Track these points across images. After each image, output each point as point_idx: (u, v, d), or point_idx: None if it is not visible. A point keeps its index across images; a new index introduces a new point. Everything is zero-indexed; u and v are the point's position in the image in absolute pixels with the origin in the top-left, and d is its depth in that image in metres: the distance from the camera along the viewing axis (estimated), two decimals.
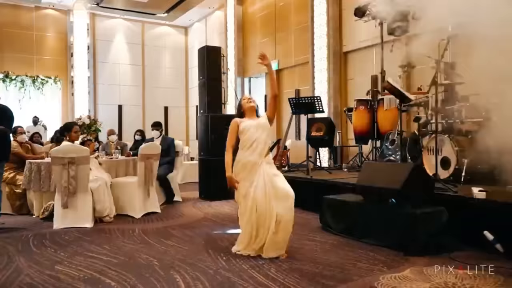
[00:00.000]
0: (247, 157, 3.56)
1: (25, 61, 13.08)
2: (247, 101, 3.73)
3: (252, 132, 3.59)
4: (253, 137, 3.58)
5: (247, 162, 3.55)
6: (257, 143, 3.57)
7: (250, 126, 3.62)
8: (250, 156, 3.55)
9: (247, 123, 3.64)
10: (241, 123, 3.65)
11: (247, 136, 3.59)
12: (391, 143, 5.46)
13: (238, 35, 12.61)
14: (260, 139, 3.59)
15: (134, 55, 15.04)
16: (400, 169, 3.79)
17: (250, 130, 3.59)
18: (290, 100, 6.28)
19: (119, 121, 14.57)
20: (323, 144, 7.23)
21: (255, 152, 3.55)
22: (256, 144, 3.57)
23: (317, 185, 5.52)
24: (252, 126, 3.61)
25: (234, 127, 3.67)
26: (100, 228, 4.77)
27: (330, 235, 4.21)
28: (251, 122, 3.64)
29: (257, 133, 3.59)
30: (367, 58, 8.57)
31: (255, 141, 3.57)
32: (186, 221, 5.17)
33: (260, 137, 3.59)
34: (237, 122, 3.68)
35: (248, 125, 3.62)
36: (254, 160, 3.53)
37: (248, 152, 3.57)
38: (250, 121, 3.66)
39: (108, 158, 5.81)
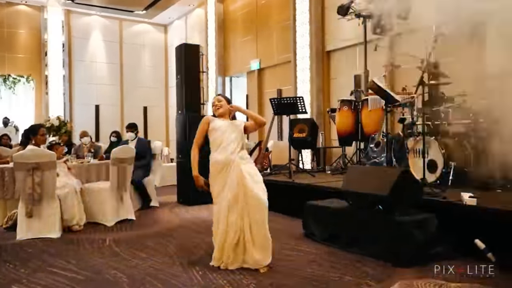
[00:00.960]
0: (217, 156, 3.34)
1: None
2: (215, 108, 3.49)
3: (222, 131, 3.36)
4: (223, 136, 3.35)
5: (216, 162, 3.32)
6: (227, 142, 3.33)
7: (221, 125, 3.39)
8: (220, 156, 3.32)
9: (218, 122, 3.42)
10: (212, 122, 3.42)
11: (216, 135, 3.37)
12: (376, 145, 5.27)
13: (219, 33, 12.30)
14: (231, 137, 3.35)
15: (112, 53, 14.56)
16: (387, 174, 3.59)
17: (220, 129, 3.37)
18: (271, 100, 6.04)
19: (96, 122, 14.11)
20: (306, 146, 7.02)
21: (226, 151, 3.32)
22: (227, 143, 3.33)
23: (300, 189, 5.29)
24: (223, 126, 3.39)
25: (203, 125, 3.44)
26: (68, 238, 4.44)
27: (313, 244, 3.98)
28: (223, 123, 3.42)
29: (227, 132, 3.36)
30: (350, 58, 8.39)
31: (225, 140, 3.34)
32: (162, 228, 4.87)
33: (230, 136, 3.35)
34: (208, 120, 3.45)
35: (218, 124, 3.40)
36: (224, 160, 3.29)
37: (218, 152, 3.34)
38: (223, 122, 3.43)
39: (78, 162, 5.46)
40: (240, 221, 3.21)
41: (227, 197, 3.22)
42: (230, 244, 3.21)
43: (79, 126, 13.64)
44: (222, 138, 3.33)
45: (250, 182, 3.23)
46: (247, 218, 3.20)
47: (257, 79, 11.02)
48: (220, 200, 3.27)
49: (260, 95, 10.99)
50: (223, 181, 3.27)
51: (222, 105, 3.48)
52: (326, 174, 6.51)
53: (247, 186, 3.21)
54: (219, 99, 3.52)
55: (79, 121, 13.69)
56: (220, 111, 3.46)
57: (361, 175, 3.83)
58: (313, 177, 5.96)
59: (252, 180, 3.25)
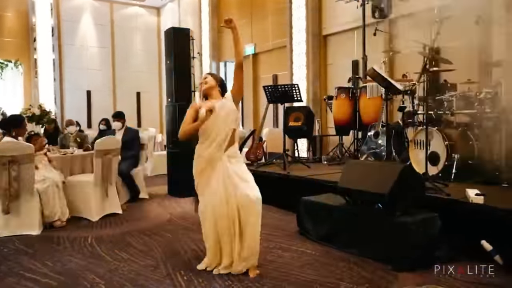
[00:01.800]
0: (204, 150, 3.01)
1: None
2: (200, 85, 3.15)
3: (211, 119, 2.96)
4: (213, 125, 2.98)
5: (202, 156, 3.01)
6: (216, 132, 2.99)
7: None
8: (207, 149, 3.00)
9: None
10: (201, 109, 3.00)
11: (203, 126, 2.99)
12: (375, 135, 5.00)
13: (212, 16, 11.90)
14: (221, 127, 2.99)
15: (103, 37, 14.12)
16: (387, 170, 3.32)
17: (212, 117, 2.96)
18: (265, 88, 5.73)
19: (88, 108, 13.77)
20: (302, 135, 6.75)
21: (213, 144, 2.99)
22: (216, 134, 2.99)
23: (295, 182, 5.04)
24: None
25: (192, 112, 3.06)
26: (48, 235, 4.18)
27: (308, 243, 3.74)
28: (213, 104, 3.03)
29: (218, 119, 2.98)
30: (348, 42, 8.07)
31: (214, 130, 2.99)
32: (148, 224, 4.61)
33: (221, 125, 2.99)
34: (196, 106, 3.09)
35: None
36: (210, 155, 2.98)
37: (205, 145, 3.01)
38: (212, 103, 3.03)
39: (61, 154, 5.16)
40: (232, 226, 2.94)
41: (213, 201, 2.94)
42: (224, 250, 2.95)
43: (70, 113, 13.34)
44: (212, 127, 2.97)
45: (239, 182, 2.94)
46: (237, 220, 2.93)
47: (252, 64, 10.67)
48: (207, 196, 2.99)
49: (255, 81, 10.67)
50: (207, 177, 3.00)
51: (207, 81, 3.12)
52: (322, 165, 6.25)
53: (237, 186, 2.92)
54: (205, 76, 3.18)
55: (70, 107, 13.36)
56: (206, 87, 3.10)
57: (360, 171, 3.56)
58: (309, 168, 5.69)
59: (240, 179, 2.96)
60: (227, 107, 3.05)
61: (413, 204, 3.26)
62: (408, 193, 3.22)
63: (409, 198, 3.23)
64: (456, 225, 3.25)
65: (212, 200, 2.95)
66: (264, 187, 5.48)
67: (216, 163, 2.98)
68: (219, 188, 2.94)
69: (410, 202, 3.24)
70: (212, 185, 2.97)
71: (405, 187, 3.20)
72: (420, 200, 3.31)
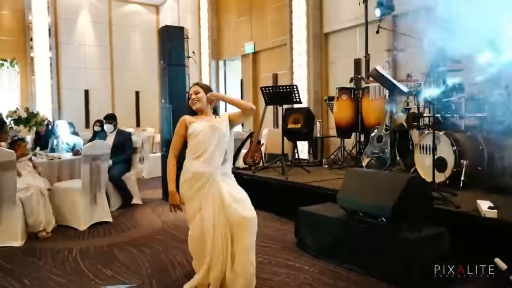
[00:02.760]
0: (197, 168, 2.67)
1: None
2: (191, 102, 2.82)
3: (202, 137, 2.70)
4: (205, 144, 2.69)
5: (194, 175, 2.67)
6: (210, 152, 2.68)
7: (202, 129, 2.72)
8: (201, 168, 2.67)
9: (199, 124, 2.74)
10: (191, 125, 2.75)
11: (196, 141, 2.71)
12: (378, 139, 4.73)
13: (211, 14, 11.63)
14: (214, 144, 2.70)
15: (101, 35, 13.87)
16: (392, 181, 3.05)
17: (201, 135, 2.70)
18: (262, 89, 5.47)
19: (86, 108, 13.54)
20: (301, 137, 6.48)
21: (207, 165, 2.68)
22: (210, 153, 2.68)
23: (293, 189, 4.78)
24: (204, 130, 2.71)
25: (180, 129, 2.78)
26: (31, 247, 3.94)
27: (306, 258, 3.48)
28: (205, 124, 2.74)
29: (211, 139, 2.70)
30: (350, 40, 7.79)
31: (207, 149, 2.69)
32: (139, 234, 4.37)
33: (214, 144, 2.70)
34: (186, 122, 2.78)
35: (200, 127, 2.72)
36: (204, 173, 2.66)
37: (198, 162, 2.69)
38: (203, 122, 2.75)
39: (48, 159, 4.92)
40: (225, 253, 2.66)
41: (206, 225, 2.67)
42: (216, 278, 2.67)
43: (67, 113, 13.13)
44: (203, 147, 2.69)
45: (232, 202, 2.65)
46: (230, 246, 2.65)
47: (252, 62, 10.42)
48: (199, 221, 2.70)
49: (255, 79, 10.42)
50: (199, 198, 2.69)
51: (200, 98, 2.80)
52: (322, 169, 5.98)
53: (229, 207, 2.62)
54: (196, 91, 2.84)
55: (67, 107, 13.14)
56: (198, 106, 2.80)
57: (361, 181, 3.30)
58: (308, 173, 5.44)
59: (234, 199, 2.68)
60: (220, 127, 2.74)
61: (419, 218, 3.00)
62: (415, 206, 2.96)
63: (415, 212, 2.97)
64: (467, 241, 2.98)
65: (204, 226, 2.66)
66: (262, 193, 5.29)
67: (210, 182, 2.68)
68: (210, 209, 2.65)
69: (417, 216, 2.97)
70: (205, 209, 2.66)
71: (411, 200, 2.94)
72: (427, 213, 3.04)
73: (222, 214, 2.65)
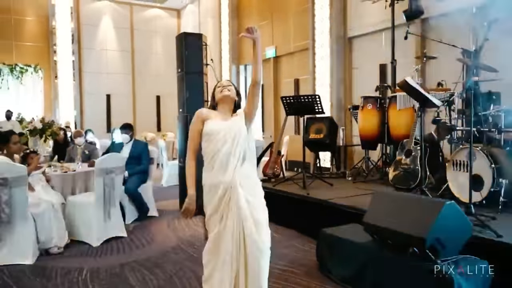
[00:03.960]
0: (212, 180, 2.42)
1: (2, 48, 12.03)
2: (221, 89, 2.53)
3: (220, 139, 2.42)
4: (223, 147, 2.42)
5: (214, 185, 2.41)
6: (226, 155, 2.42)
7: (219, 129, 2.43)
8: (215, 178, 2.41)
9: (215, 123, 2.45)
10: (207, 122, 2.47)
11: (211, 143, 2.44)
12: (406, 154, 4.41)
13: (232, 18, 11.47)
14: (228, 148, 2.43)
15: (123, 40, 13.95)
16: (425, 207, 2.76)
17: (218, 135, 2.42)
18: (283, 99, 5.21)
19: (108, 112, 13.61)
20: (323, 148, 6.19)
21: (222, 171, 2.41)
22: (226, 157, 2.42)
23: (315, 206, 4.51)
24: (222, 130, 2.43)
25: (197, 123, 2.49)
26: (42, 265, 3.80)
27: (328, 285, 3.22)
28: (221, 123, 2.46)
29: (229, 141, 2.42)
30: (375, 45, 7.46)
31: (225, 153, 2.42)
32: (152, 252, 4.18)
33: (228, 146, 2.43)
34: (202, 116, 2.49)
35: (216, 127, 2.44)
36: (220, 183, 2.40)
37: (212, 173, 2.43)
38: (220, 122, 2.47)
39: (63, 171, 4.79)
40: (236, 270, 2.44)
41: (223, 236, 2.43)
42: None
43: (89, 118, 13.22)
44: (219, 149, 2.42)
45: (249, 218, 2.40)
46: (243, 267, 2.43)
47: (273, 67, 10.18)
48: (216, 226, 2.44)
49: (276, 85, 10.18)
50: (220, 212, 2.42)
51: (231, 89, 2.53)
52: (346, 181, 5.69)
53: (246, 227, 2.38)
54: (229, 83, 2.59)
55: (90, 112, 13.25)
56: (226, 94, 2.50)
57: (390, 205, 3.01)
58: (331, 187, 5.16)
59: (252, 218, 2.41)
60: (237, 126, 2.48)
61: (456, 249, 2.69)
62: (451, 236, 2.66)
63: (451, 242, 2.67)
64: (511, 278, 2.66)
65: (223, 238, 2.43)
66: (282, 208, 5.05)
67: (227, 193, 2.41)
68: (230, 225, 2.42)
69: (453, 248, 2.67)
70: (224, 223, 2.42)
71: (447, 229, 2.64)
72: (465, 244, 2.74)
73: (241, 232, 2.42)
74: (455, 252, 2.71)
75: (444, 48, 5.44)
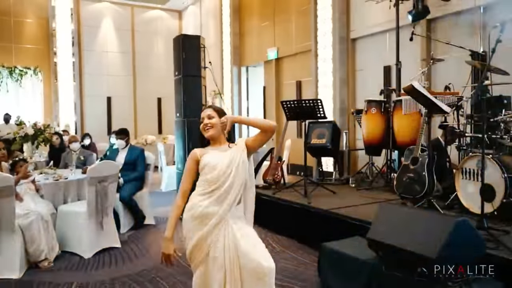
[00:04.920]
0: (207, 207, 2.23)
1: (2, 50, 11.90)
2: (204, 126, 2.35)
3: (217, 172, 2.26)
4: (219, 179, 2.25)
5: (202, 215, 2.23)
6: (225, 189, 2.24)
7: (217, 163, 2.27)
8: (211, 207, 2.23)
9: (211, 157, 2.30)
10: (202, 158, 2.31)
11: (209, 176, 2.27)
12: (412, 162, 4.20)
13: (234, 19, 11.27)
14: (230, 182, 2.25)
15: (124, 42, 13.78)
16: (435, 225, 2.54)
17: (216, 169, 2.26)
18: (283, 104, 5.02)
19: (108, 115, 13.45)
20: (326, 153, 6.00)
21: (220, 201, 2.24)
22: (224, 190, 2.24)
23: (317, 216, 4.31)
24: (219, 163, 2.27)
25: (191, 164, 2.33)
26: (28, 280, 3.62)
27: None
28: (218, 156, 2.30)
29: (226, 173, 2.26)
30: (379, 46, 7.24)
31: (222, 185, 2.25)
32: (146, 265, 3.99)
33: (230, 179, 2.25)
34: (197, 156, 2.33)
35: (213, 160, 2.28)
36: (214, 213, 2.23)
37: (209, 200, 2.25)
38: (217, 154, 2.31)
39: (54, 180, 4.61)
40: None
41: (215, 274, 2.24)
42: None
43: (90, 120, 13.07)
44: (217, 182, 2.26)
45: (245, 245, 2.22)
46: None
47: (275, 69, 9.99)
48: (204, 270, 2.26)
49: (278, 87, 9.98)
50: (206, 243, 2.23)
51: (213, 123, 2.33)
52: (350, 188, 5.48)
53: (242, 251, 2.20)
54: (209, 115, 2.36)
55: (90, 114, 13.10)
56: (211, 133, 2.33)
57: (397, 220, 2.80)
58: (334, 195, 4.96)
59: (247, 242, 2.24)
60: (237, 158, 2.29)
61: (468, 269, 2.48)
62: (463, 255, 2.45)
63: (463, 262, 2.46)
64: None
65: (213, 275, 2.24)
66: (282, 216, 4.86)
67: (219, 226, 2.24)
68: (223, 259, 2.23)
69: (465, 267, 2.46)
70: (214, 255, 2.23)
71: (459, 247, 2.43)
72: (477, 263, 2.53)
73: (236, 263, 2.23)
74: (466, 272, 2.50)
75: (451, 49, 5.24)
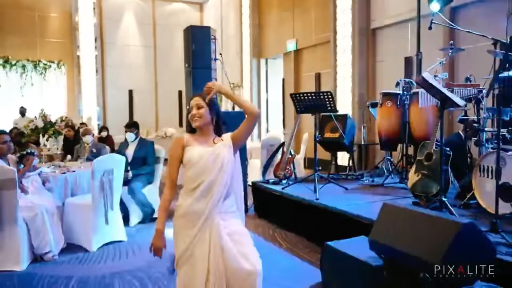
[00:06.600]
0: (191, 204, 2.15)
1: (27, 44, 12.16)
2: (192, 116, 2.24)
3: (200, 166, 2.17)
4: (202, 174, 2.16)
5: (187, 213, 2.16)
6: (209, 185, 2.15)
7: (200, 157, 2.17)
8: (195, 204, 2.15)
9: (196, 151, 2.19)
10: (187, 150, 2.21)
11: (192, 171, 2.18)
12: (426, 158, 3.96)
13: (253, 11, 11.12)
14: (213, 177, 2.16)
15: (145, 35, 13.84)
16: (440, 228, 2.34)
17: (199, 164, 2.16)
18: (293, 96, 4.85)
19: (130, 107, 13.57)
20: (340, 148, 5.78)
21: (205, 199, 2.15)
22: (208, 186, 2.15)
23: (324, 213, 4.15)
24: (204, 157, 2.17)
25: (176, 151, 2.24)
26: (30, 273, 3.62)
27: None
28: (202, 150, 2.19)
29: (211, 168, 2.17)
30: (400, 36, 6.95)
31: (204, 181, 2.15)
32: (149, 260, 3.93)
33: (213, 175, 2.16)
34: (182, 142, 2.24)
35: (196, 155, 2.18)
36: (198, 211, 2.14)
37: (192, 197, 2.16)
38: (201, 148, 2.21)
39: (61, 172, 4.62)
40: None
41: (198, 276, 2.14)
42: None
43: (112, 112, 13.22)
44: (200, 178, 2.17)
45: (231, 247, 2.12)
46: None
47: (294, 61, 9.80)
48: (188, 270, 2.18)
49: (297, 79, 9.79)
50: (192, 242, 2.16)
51: (202, 114, 2.23)
52: (363, 185, 5.27)
53: (228, 254, 2.11)
54: (198, 104, 2.25)
55: (112, 107, 13.25)
56: (199, 124, 2.23)
57: (400, 222, 2.61)
58: (345, 191, 4.78)
59: (234, 243, 2.13)
60: (222, 154, 2.20)
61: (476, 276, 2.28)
62: (470, 261, 2.25)
63: (470, 269, 2.26)
64: None
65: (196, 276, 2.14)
66: (291, 212, 4.72)
67: (207, 223, 2.15)
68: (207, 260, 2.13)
69: (472, 274, 2.26)
70: (198, 256, 2.14)
71: (466, 253, 2.23)
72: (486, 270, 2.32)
73: (220, 264, 2.12)
74: (474, 279, 2.31)
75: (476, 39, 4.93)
